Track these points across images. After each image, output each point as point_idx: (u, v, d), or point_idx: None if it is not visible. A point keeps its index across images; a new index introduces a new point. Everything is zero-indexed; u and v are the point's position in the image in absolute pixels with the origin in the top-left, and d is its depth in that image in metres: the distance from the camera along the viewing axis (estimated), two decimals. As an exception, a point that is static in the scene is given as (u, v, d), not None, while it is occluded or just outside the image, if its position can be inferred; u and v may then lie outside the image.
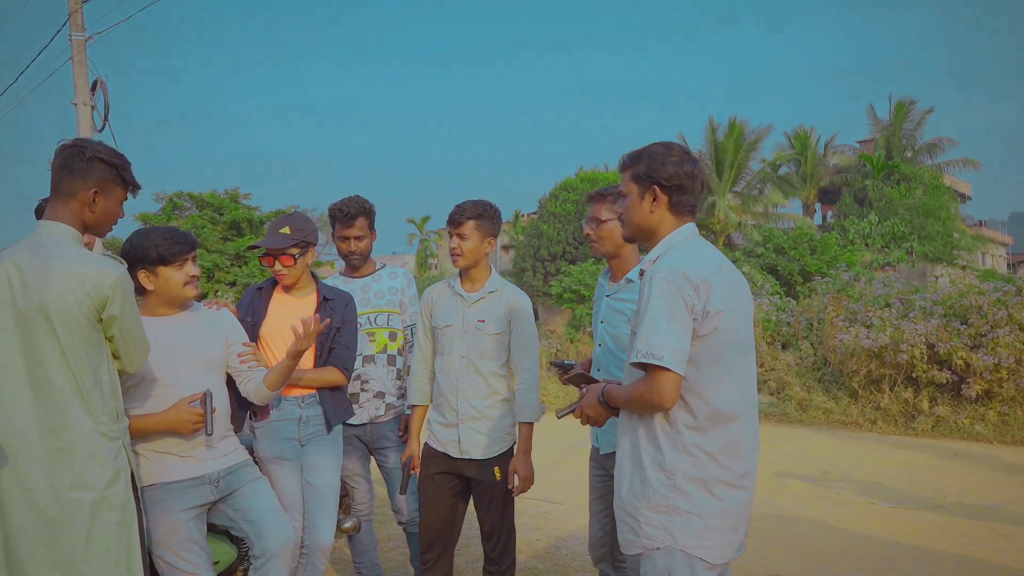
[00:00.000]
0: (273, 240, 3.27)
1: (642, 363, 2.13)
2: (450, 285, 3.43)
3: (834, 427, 9.29)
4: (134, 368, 2.51)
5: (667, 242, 2.30)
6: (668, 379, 2.10)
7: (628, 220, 2.38)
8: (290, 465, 3.24)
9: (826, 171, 34.50)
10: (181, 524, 2.74)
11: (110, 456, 2.35)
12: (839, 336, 9.90)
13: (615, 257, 3.18)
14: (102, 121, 12.61)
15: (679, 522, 2.18)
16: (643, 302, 2.17)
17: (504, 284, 3.42)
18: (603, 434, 3.18)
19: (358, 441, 3.79)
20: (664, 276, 2.14)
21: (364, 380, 3.74)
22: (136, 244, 2.79)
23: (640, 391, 2.17)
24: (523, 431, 3.33)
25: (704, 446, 2.17)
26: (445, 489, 3.39)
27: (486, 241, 3.32)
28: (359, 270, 3.88)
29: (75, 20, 12.71)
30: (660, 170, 2.27)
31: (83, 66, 12.67)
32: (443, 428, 3.36)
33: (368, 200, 3.83)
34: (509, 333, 3.33)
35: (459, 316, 3.34)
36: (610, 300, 3.19)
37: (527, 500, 6.18)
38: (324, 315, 3.32)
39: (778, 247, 23.14)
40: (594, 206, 3.17)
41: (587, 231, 3.19)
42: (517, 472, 3.28)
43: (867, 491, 6.37)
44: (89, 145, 2.39)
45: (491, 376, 3.32)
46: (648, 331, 2.11)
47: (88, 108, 12.62)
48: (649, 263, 2.29)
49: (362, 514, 3.84)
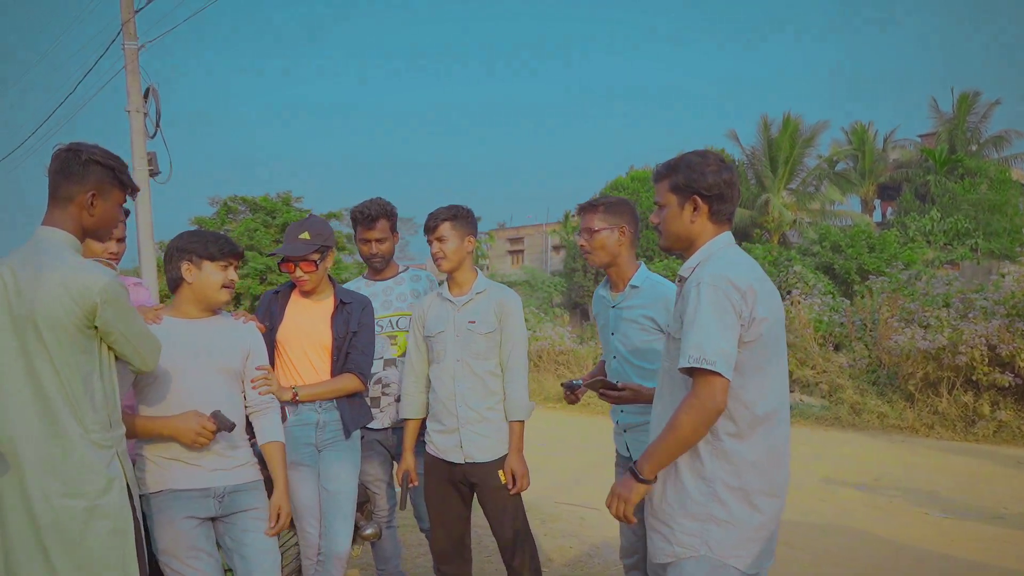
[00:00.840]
0: (294, 247, 3.23)
1: (691, 368, 2.11)
2: (439, 293, 3.42)
3: (889, 432, 8.95)
4: (149, 366, 2.49)
5: (707, 249, 2.30)
6: (719, 384, 2.09)
7: (667, 230, 2.37)
8: (307, 471, 3.20)
9: (885, 166, 33.54)
10: (185, 532, 2.71)
11: (102, 464, 2.31)
12: (894, 337, 9.54)
13: (611, 266, 3.14)
14: (154, 127, 12.90)
15: (716, 531, 2.15)
16: (690, 308, 2.16)
17: (491, 284, 3.39)
18: (634, 443, 3.11)
19: (380, 446, 3.74)
20: (712, 282, 2.14)
21: (385, 384, 3.69)
22: (186, 239, 2.85)
23: (687, 403, 2.12)
24: (514, 429, 3.28)
25: (745, 454, 2.16)
26: (452, 499, 3.35)
27: (465, 240, 3.31)
28: (381, 273, 3.83)
29: (128, 30, 13.01)
30: (700, 180, 2.28)
31: (136, 74, 12.96)
32: (443, 435, 3.31)
33: (390, 202, 3.78)
34: (500, 331, 3.29)
35: (450, 320, 3.32)
36: (617, 311, 3.15)
37: (563, 506, 6.08)
38: (341, 319, 3.27)
39: (834, 245, 22.58)
40: (586, 216, 3.13)
41: (580, 243, 3.15)
42: (513, 471, 3.24)
43: (921, 500, 6.09)
44: (85, 148, 2.36)
45: (487, 376, 3.28)
46: (699, 336, 2.10)
47: (140, 115, 12.90)
48: (688, 270, 2.29)
49: (384, 520, 3.78)
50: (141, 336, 2.42)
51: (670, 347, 2.32)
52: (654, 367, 3.01)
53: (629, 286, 3.08)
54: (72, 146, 2.36)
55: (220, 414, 2.72)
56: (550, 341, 13.23)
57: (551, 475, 6.87)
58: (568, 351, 13.13)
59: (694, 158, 2.32)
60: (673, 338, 2.28)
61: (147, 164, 12.92)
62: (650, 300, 3.05)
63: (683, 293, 2.24)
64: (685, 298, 2.20)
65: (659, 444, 2.17)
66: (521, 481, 3.23)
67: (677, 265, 24.72)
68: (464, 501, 3.36)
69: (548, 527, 5.52)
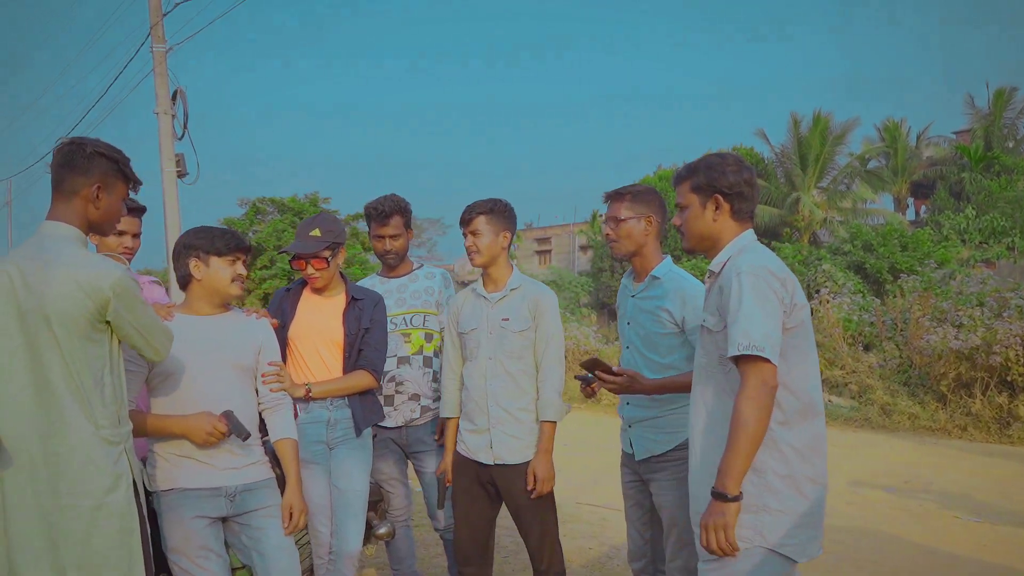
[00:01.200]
0: (304, 244, 3.20)
1: (738, 358, 2.14)
2: (473, 289, 3.36)
3: (920, 433, 8.75)
4: (162, 356, 2.47)
5: (736, 244, 2.35)
6: (768, 369, 2.12)
7: (690, 231, 2.43)
8: (318, 469, 3.17)
9: (919, 164, 32.92)
10: (196, 531, 2.69)
11: (110, 461, 2.30)
12: (926, 337, 9.34)
13: (636, 256, 3.08)
14: (182, 129, 13.04)
15: (769, 521, 2.18)
16: (732, 298, 2.19)
17: (527, 280, 3.32)
18: (638, 439, 3.06)
19: (394, 444, 3.70)
20: (751, 271, 2.18)
21: (399, 382, 3.65)
22: (193, 235, 2.84)
23: (745, 396, 2.12)
24: (544, 430, 3.19)
25: (792, 441, 2.19)
26: (479, 500, 3.29)
27: (501, 235, 3.24)
28: (395, 270, 3.80)
29: (156, 33, 13.17)
30: (721, 179, 2.35)
31: (164, 76, 13.11)
32: (473, 435, 3.26)
33: (403, 199, 3.74)
34: (534, 329, 3.23)
35: (483, 317, 3.26)
36: (636, 300, 3.09)
37: (583, 506, 6.01)
38: (352, 316, 3.24)
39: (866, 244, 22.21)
40: (612, 205, 3.08)
41: (606, 231, 3.10)
42: (536, 473, 3.15)
43: (952, 503, 5.94)
44: (88, 141, 2.35)
45: (520, 376, 3.21)
46: (747, 324, 2.14)
47: (168, 117, 13.05)
48: (719, 264, 2.34)
49: (399, 520, 3.75)
50: (152, 326, 2.41)
51: (706, 341, 2.33)
52: (664, 360, 2.98)
53: (650, 276, 3.03)
54: (76, 139, 2.35)
55: (233, 415, 2.70)
56: (575, 340, 13.15)
57: (572, 475, 6.80)
58: (594, 350, 13.03)
59: (714, 159, 2.38)
60: (710, 331, 2.30)
61: (175, 165, 13.09)
62: (668, 292, 2.99)
63: (720, 286, 2.27)
64: (723, 290, 2.23)
65: (731, 452, 2.14)
66: (543, 485, 3.15)
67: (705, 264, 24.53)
68: (491, 502, 3.30)
69: (568, 528, 5.45)
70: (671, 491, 2.93)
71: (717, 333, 2.26)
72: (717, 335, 2.27)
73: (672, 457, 2.95)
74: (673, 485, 2.93)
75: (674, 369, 2.95)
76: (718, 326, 2.26)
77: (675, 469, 2.94)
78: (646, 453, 3.01)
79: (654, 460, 2.99)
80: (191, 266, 2.79)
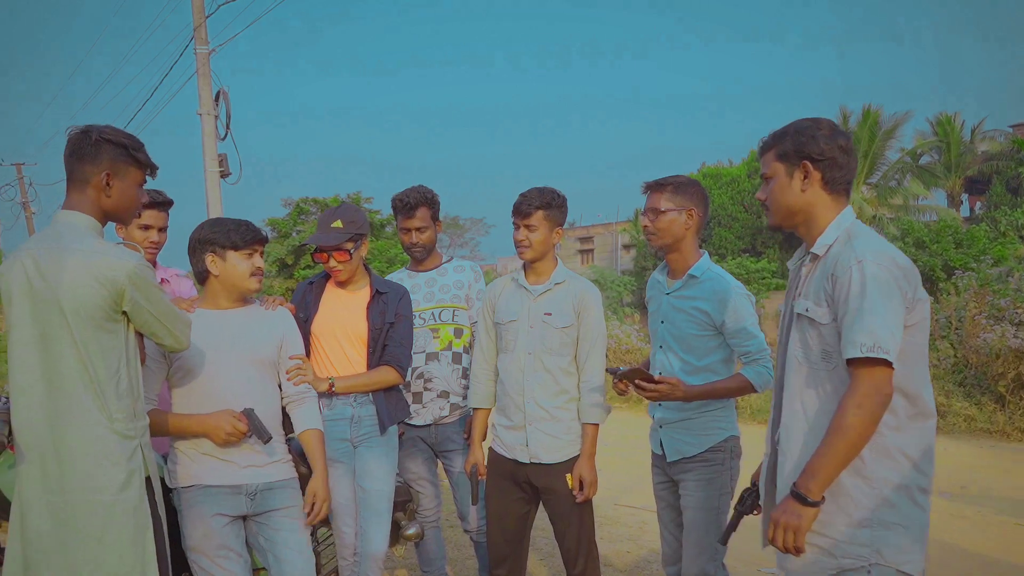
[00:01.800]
0: (326, 236, 3.11)
1: (854, 359, 1.92)
2: (514, 279, 3.24)
3: (976, 436, 8.39)
4: (183, 344, 2.42)
5: (840, 224, 2.09)
6: (885, 374, 1.91)
7: (776, 204, 2.17)
8: (342, 467, 3.08)
9: (973, 159, 31.94)
10: (216, 530, 2.63)
11: (124, 456, 2.24)
12: (982, 335, 8.97)
13: (674, 251, 2.96)
14: (224, 130, 13.15)
15: (888, 537, 1.99)
16: (852, 290, 1.95)
17: (571, 275, 3.20)
18: (669, 441, 2.95)
19: (423, 443, 3.60)
20: (875, 260, 1.95)
21: (427, 379, 3.55)
22: (208, 229, 2.77)
23: (855, 403, 1.91)
24: (587, 433, 3.09)
25: (906, 449, 2.00)
26: (514, 499, 3.18)
27: (554, 232, 3.12)
28: (424, 263, 3.70)
29: (199, 34, 13.31)
30: (810, 145, 2.09)
31: (207, 77, 13.24)
32: (509, 431, 3.15)
33: (431, 190, 3.64)
34: (577, 327, 3.10)
35: (524, 310, 3.14)
36: (671, 298, 2.96)
37: (622, 508, 5.85)
38: (377, 309, 3.14)
39: (918, 241, 21.62)
40: (652, 195, 2.96)
41: (644, 223, 2.98)
42: (582, 477, 3.05)
43: (1011, 509, 5.64)
44: (95, 128, 2.29)
45: (560, 373, 3.09)
46: (871, 322, 1.91)
47: (212, 118, 13.18)
48: (824, 247, 2.08)
49: (429, 520, 3.65)
50: (170, 314, 2.35)
51: (807, 333, 2.07)
52: (700, 363, 2.86)
53: (688, 275, 2.92)
54: (83, 128, 2.30)
55: (253, 415, 2.64)
56: (616, 339, 12.97)
57: (611, 476, 6.62)
58: (634, 349, 12.82)
59: (804, 123, 2.14)
60: (815, 323, 2.05)
61: (218, 166, 13.23)
62: (707, 293, 2.88)
63: (831, 274, 2.01)
64: (836, 279, 1.99)
65: (824, 456, 1.94)
66: (588, 489, 3.05)
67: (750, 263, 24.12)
68: (526, 501, 3.20)
69: (607, 530, 5.31)
70: (696, 492, 2.86)
71: (823, 326, 2.03)
72: (823, 328, 2.03)
73: (702, 459, 2.87)
74: (699, 486, 2.86)
75: (711, 372, 2.86)
76: (825, 318, 2.02)
77: (703, 471, 2.87)
78: (677, 455, 2.92)
79: (684, 461, 2.91)
80: (208, 261, 2.73)
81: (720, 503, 2.87)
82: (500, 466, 3.18)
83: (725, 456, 2.89)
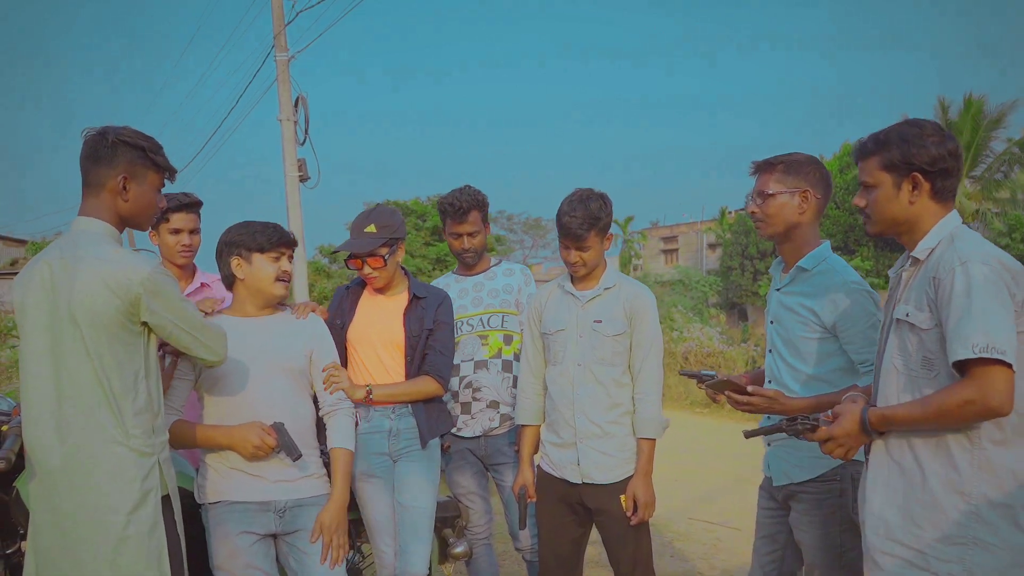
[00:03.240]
0: (359, 243, 2.94)
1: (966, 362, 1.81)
2: (560, 285, 3.01)
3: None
4: (219, 356, 2.30)
5: (943, 227, 2.00)
6: (1006, 377, 1.79)
7: (880, 214, 2.06)
8: (380, 483, 2.91)
9: (1090, 148, 29.82)
10: (242, 549, 2.51)
11: (140, 475, 2.12)
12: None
13: (787, 240, 2.58)
14: (303, 135, 13.34)
15: (982, 557, 1.86)
16: (957, 290, 1.85)
17: (622, 278, 2.97)
18: (776, 461, 2.59)
19: (472, 456, 3.42)
20: (982, 261, 1.86)
21: (476, 388, 3.36)
22: (234, 231, 2.66)
23: (963, 397, 1.81)
24: (643, 449, 2.84)
25: (1011, 465, 1.87)
26: (566, 521, 2.97)
27: (606, 242, 2.90)
28: (472, 268, 3.51)
29: (279, 42, 13.55)
30: (920, 154, 1.98)
31: (287, 84, 13.46)
32: (558, 449, 2.93)
33: (480, 191, 3.45)
34: (630, 334, 2.86)
35: (572, 318, 2.92)
36: (780, 295, 2.61)
37: (696, 523, 5.54)
38: (414, 315, 2.97)
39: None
40: (761, 177, 2.58)
41: (751, 208, 2.60)
42: (636, 497, 2.80)
43: None
44: (111, 130, 2.19)
45: (612, 385, 2.86)
46: (982, 322, 1.80)
47: (291, 124, 13.38)
48: (926, 251, 1.99)
49: (479, 537, 3.46)
50: (199, 325, 2.22)
51: (907, 339, 1.96)
52: (811, 371, 2.48)
53: (797, 267, 2.55)
54: (100, 129, 2.20)
55: (283, 429, 2.50)
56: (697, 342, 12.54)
57: (686, 487, 6.32)
58: (716, 352, 12.36)
59: (909, 129, 2.01)
60: (915, 328, 1.94)
61: (297, 170, 13.43)
62: (818, 289, 2.49)
63: (932, 277, 1.92)
64: (939, 283, 1.90)
65: (908, 412, 1.92)
66: (643, 511, 2.80)
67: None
68: (579, 523, 2.97)
69: (677, 547, 5.02)
70: (811, 529, 2.47)
71: (925, 332, 1.91)
72: (924, 334, 1.92)
73: (811, 489, 2.47)
74: (813, 523, 2.46)
75: (825, 383, 2.45)
76: (927, 323, 1.91)
77: (815, 504, 2.46)
78: (784, 478, 2.56)
79: (794, 488, 2.53)
80: (233, 265, 2.62)
81: (843, 540, 2.44)
82: (550, 486, 2.97)
83: (844, 485, 2.45)
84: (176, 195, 3.18)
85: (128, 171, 2.18)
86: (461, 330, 3.39)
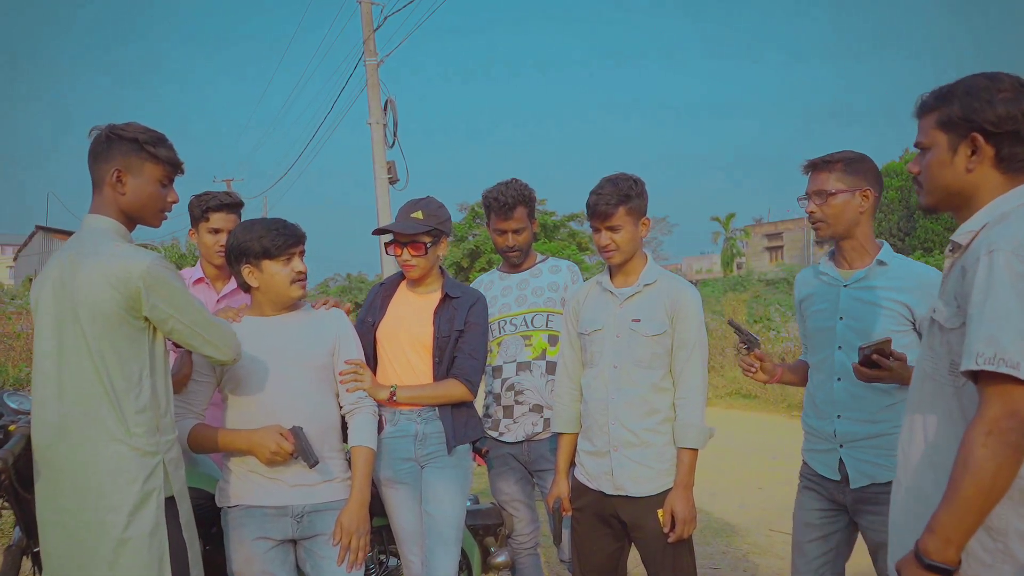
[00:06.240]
0: (403, 224, 2.84)
1: (978, 373, 1.52)
2: (599, 282, 2.84)
3: None
4: (229, 355, 2.25)
5: (997, 206, 1.66)
6: (1021, 394, 1.48)
7: (931, 181, 1.75)
8: (406, 490, 2.80)
9: None
10: (258, 555, 2.45)
11: (141, 474, 2.08)
12: None
13: (847, 238, 2.53)
14: (392, 138, 13.53)
15: None
16: (978, 284, 1.56)
17: (664, 274, 2.78)
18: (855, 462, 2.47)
19: (515, 461, 3.27)
20: (1011, 248, 1.53)
21: (519, 391, 3.21)
22: (239, 236, 2.56)
23: (982, 432, 1.49)
24: (683, 459, 2.64)
25: None
26: (601, 535, 2.78)
27: (640, 225, 2.72)
28: (517, 266, 3.36)
29: (368, 47, 13.79)
30: (984, 111, 1.64)
31: (376, 88, 13.69)
32: (592, 458, 2.76)
33: (527, 185, 3.30)
34: (671, 334, 2.67)
35: (610, 316, 2.74)
36: (852, 290, 2.51)
37: (779, 535, 5.20)
38: (445, 315, 2.85)
39: None
40: (817, 176, 2.53)
41: (809, 208, 2.53)
42: (674, 512, 2.60)
43: None
44: (112, 126, 2.17)
45: (650, 390, 2.67)
46: (995, 326, 1.51)
47: (380, 127, 13.61)
48: (967, 234, 1.68)
49: (524, 547, 3.31)
50: (203, 321, 2.16)
51: (935, 340, 1.71)
52: None
53: (876, 261, 2.50)
54: (104, 127, 2.18)
55: (301, 434, 2.42)
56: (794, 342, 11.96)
57: (768, 493, 5.96)
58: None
59: (980, 81, 1.68)
60: (942, 327, 1.68)
61: (387, 172, 13.63)
62: (906, 283, 2.44)
63: (963, 266, 1.64)
64: (966, 273, 1.61)
65: (953, 505, 1.52)
66: (682, 527, 2.60)
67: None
68: (616, 538, 2.79)
69: (754, 561, 4.71)
70: None
71: (951, 331, 1.64)
72: (951, 334, 1.65)
73: None
74: None
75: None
76: (953, 321, 1.64)
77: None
78: (865, 479, 2.42)
79: (875, 489, 2.38)
80: (245, 274, 2.54)
81: None
82: (584, 497, 2.79)
83: None
84: (218, 194, 3.17)
85: (122, 164, 2.15)
86: (504, 330, 3.25)
